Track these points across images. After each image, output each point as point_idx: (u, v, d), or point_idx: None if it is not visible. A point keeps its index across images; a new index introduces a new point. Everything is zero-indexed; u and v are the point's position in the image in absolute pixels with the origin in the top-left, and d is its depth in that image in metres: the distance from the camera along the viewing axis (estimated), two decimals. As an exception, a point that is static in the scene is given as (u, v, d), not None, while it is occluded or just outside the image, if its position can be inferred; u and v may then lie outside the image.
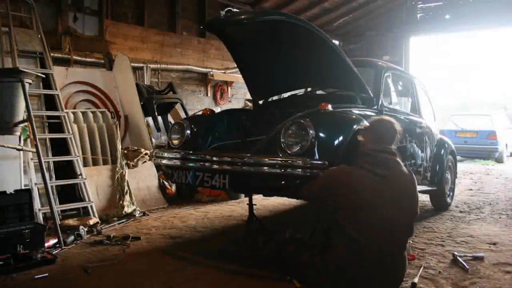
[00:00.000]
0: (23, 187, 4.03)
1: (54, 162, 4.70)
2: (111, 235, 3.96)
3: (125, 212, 4.77)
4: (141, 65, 7.25)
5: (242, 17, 3.46)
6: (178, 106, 7.25)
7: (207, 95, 8.92)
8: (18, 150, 3.92)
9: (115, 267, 3.22)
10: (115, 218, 4.65)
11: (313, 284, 2.74)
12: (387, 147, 2.75)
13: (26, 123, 4.02)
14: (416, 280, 2.89)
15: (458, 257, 3.36)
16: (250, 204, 3.93)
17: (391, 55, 11.95)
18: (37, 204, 4.22)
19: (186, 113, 7.09)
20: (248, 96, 4.71)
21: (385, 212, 2.58)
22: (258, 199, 5.50)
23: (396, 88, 4.85)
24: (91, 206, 4.59)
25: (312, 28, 3.49)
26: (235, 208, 5.44)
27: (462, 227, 4.48)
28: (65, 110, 4.99)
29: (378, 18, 12.30)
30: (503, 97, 24.78)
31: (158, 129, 6.67)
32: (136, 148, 5.59)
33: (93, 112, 5.54)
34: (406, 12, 12.19)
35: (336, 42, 11.49)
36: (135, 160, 5.32)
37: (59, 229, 3.73)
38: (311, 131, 3.02)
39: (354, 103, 4.04)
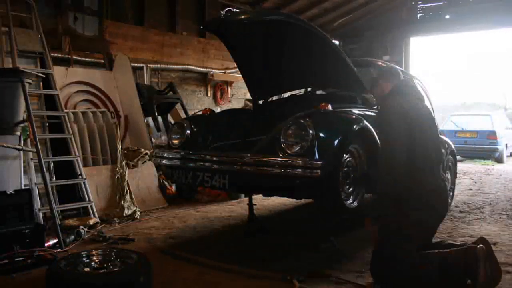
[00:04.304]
0: (23, 187, 4.03)
1: (54, 162, 4.71)
2: (111, 235, 3.96)
3: (125, 213, 4.76)
4: (141, 65, 7.24)
5: (242, 17, 3.46)
6: (178, 106, 7.25)
7: (207, 95, 8.92)
8: (18, 150, 3.92)
9: (115, 267, 3.22)
10: (115, 219, 4.65)
11: None
12: None
13: (26, 123, 4.02)
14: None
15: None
16: (250, 204, 3.93)
17: (391, 55, 11.93)
18: (37, 204, 4.21)
19: (186, 113, 7.08)
20: (248, 96, 4.71)
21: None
22: (258, 199, 5.51)
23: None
24: (91, 206, 4.59)
25: (312, 28, 3.50)
26: (235, 208, 5.44)
27: (462, 227, 4.48)
28: (65, 110, 4.99)
29: (378, 18, 12.29)
30: (503, 97, 24.80)
31: (158, 129, 6.67)
32: (136, 148, 5.59)
33: (93, 112, 5.54)
34: (406, 12, 12.17)
35: (336, 42, 11.49)
36: (135, 160, 5.32)
37: (59, 229, 3.74)
38: (311, 131, 3.02)
39: (354, 103, 4.04)
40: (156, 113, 6.53)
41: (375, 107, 4.08)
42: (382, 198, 2.75)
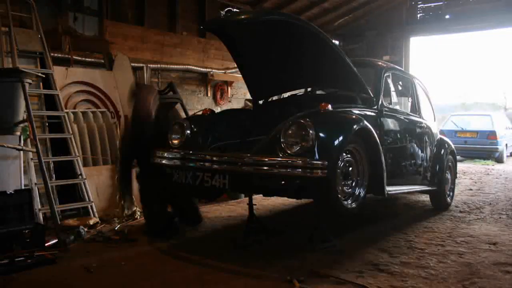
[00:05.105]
0: (23, 187, 4.03)
1: (54, 162, 4.70)
2: (111, 235, 3.96)
3: (125, 213, 4.76)
4: (141, 65, 7.23)
5: (242, 17, 3.46)
6: (178, 106, 7.24)
7: (207, 95, 8.91)
8: (18, 150, 3.92)
9: (115, 267, 3.22)
10: (115, 219, 4.65)
11: None
12: None
13: (26, 123, 4.02)
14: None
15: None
16: (250, 204, 3.93)
17: (391, 55, 11.93)
18: (37, 204, 4.22)
19: (186, 113, 7.07)
20: (248, 96, 4.71)
21: None
22: (258, 199, 5.50)
23: (396, 88, 4.86)
24: (91, 206, 4.59)
25: (312, 28, 3.50)
26: (235, 208, 5.44)
27: (462, 227, 4.48)
28: (65, 110, 4.99)
29: (378, 18, 12.29)
30: (503, 97, 24.82)
31: (158, 129, 6.65)
32: (136, 148, 5.57)
33: (93, 112, 5.54)
34: (406, 12, 12.18)
35: (336, 42, 11.49)
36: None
37: (59, 229, 3.73)
38: (311, 131, 3.02)
39: (354, 103, 4.04)
40: (156, 113, 6.52)
41: (375, 107, 4.08)
42: None
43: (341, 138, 3.14)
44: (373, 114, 4.00)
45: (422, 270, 3.14)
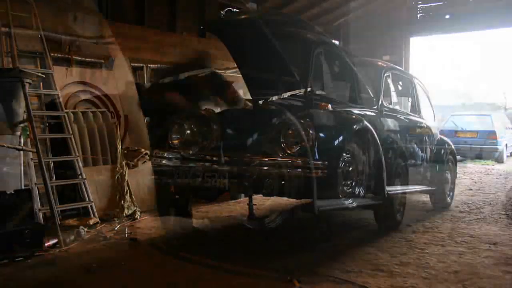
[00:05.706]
0: (23, 187, 4.03)
1: (54, 162, 4.70)
2: (112, 235, 3.96)
3: (125, 213, 4.76)
4: (141, 65, 7.23)
5: (242, 17, 3.46)
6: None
7: (207, 95, 8.90)
8: (18, 150, 3.92)
9: (115, 267, 3.22)
10: (115, 219, 4.65)
11: None
12: None
13: (26, 123, 4.02)
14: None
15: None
16: (250, 204, 3.93)
17: (391, 55, 11.93)
18: (37, 204, 4.21)
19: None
20: (248, 96, 4.70)
21: None
22: (258, 199, 5.50)
23: (396, 88, 4.86)
24: (91, 206, 4.59)
25: (312, 28, 3.50)
26: (235, 208, 5.44)
27: (462, 227, 4.48)
28: (65, 110, 4.99)
29: (378, 18, 12.29)
30: (503, 97, 24.78)
31: (158, 129, 6.65)
32: (136, 148, 5.58)
33: (93, 112, 5.53)
34: (406, 12, 12.18)
35: (336, 42, 11.48)
36: (135, 160, 5.31)
37: (59, 229, 3.73)
38: (311, 131, 3.02)
39: (354, 103, 4.04)
40: (156, 113, 6.52)
41: (375, 107, 4.09)
42: None
43: (341, 138, 3.14)
44: (373, 114, 4.00)
45: (422, 270, 3.14)
